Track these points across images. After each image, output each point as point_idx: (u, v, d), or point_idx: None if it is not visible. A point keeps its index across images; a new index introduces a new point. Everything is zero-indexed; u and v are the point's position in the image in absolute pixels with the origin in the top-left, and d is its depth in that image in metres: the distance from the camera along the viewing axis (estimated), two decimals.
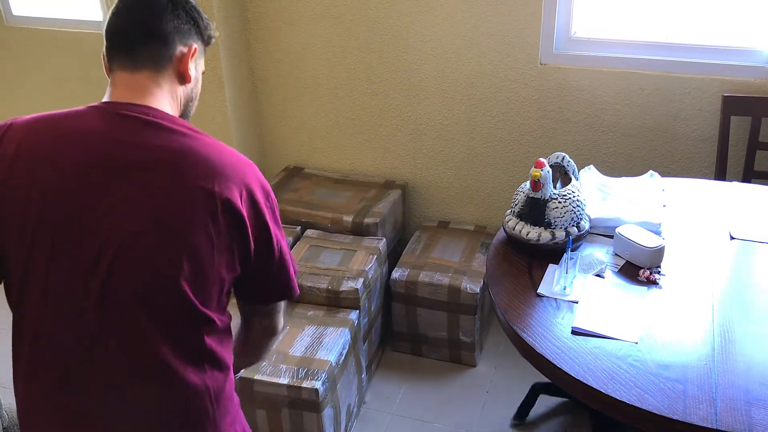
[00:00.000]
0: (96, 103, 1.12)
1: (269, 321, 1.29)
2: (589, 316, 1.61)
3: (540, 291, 1.72)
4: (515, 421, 2.35)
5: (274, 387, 2.05)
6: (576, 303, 1.66)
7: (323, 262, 2.51)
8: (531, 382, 2.36)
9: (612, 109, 2.60)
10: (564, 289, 1.70)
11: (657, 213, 1.95)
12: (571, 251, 1.74)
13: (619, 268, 1.80)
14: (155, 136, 1.08)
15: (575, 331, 1.56)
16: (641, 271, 1.76)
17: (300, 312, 2.36)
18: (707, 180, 2.31)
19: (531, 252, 1.86)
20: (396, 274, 2.59)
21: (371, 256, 2.53)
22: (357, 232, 2.68)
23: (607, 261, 1.82)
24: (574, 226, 1.83)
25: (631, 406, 1.36)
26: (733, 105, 2.42)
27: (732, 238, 1.92)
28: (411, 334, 2.65)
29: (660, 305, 1.66)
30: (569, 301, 1.67)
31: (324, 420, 2.08)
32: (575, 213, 1.83)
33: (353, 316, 2.34)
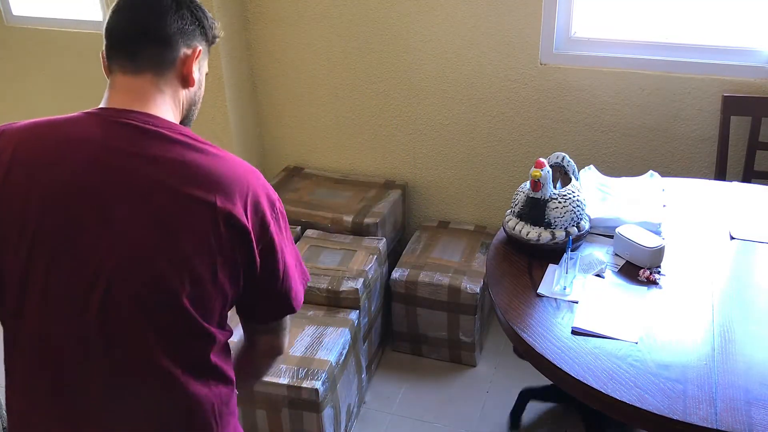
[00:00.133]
0: (93, 109, 1.07)
1: (274, 339, 1.25)
2: (589, 316, 1.61)
3: (540, 291, 1.72)
4: (511, 431, 2.35)
5: (274, 387, 2.05)
6: (576, 303, 1.66)
7: (323, 262, 2.51)
8: (531, 382, 2.36)
9: (612, 109, 2.60)
10: (564, 289, 1.70)
11: (657, 213, 1.95)
12: (571, 251, 1.74)
13: (619, 268, 1.80)
14: (155, 146, 1.03)
15: (575, 331, 1.56)
16: (641, 271, 1.76)
17: (300, 312, 2.36)
18: (707, 180, 2.31)
19: (531, 252, 1.86)
20: (396, 274, 2.59)
21: (371, 256, 2.53)
22: (357, 232, 2.68)
23: (607, 261, 1.82)
24: (574, 226, 1.83)
25: (631, 406, 1.36)
26: (733, 105, 2.42)
27: (732, 238, 1.92)
28: (411, 334, 2.65)
29: (660, 305, 1.66)
30: (569, 301, 1.67)
31: (324, 420, 2.08)
32: (575, 213, 1.83)
33: (353, 316, 2.34)
